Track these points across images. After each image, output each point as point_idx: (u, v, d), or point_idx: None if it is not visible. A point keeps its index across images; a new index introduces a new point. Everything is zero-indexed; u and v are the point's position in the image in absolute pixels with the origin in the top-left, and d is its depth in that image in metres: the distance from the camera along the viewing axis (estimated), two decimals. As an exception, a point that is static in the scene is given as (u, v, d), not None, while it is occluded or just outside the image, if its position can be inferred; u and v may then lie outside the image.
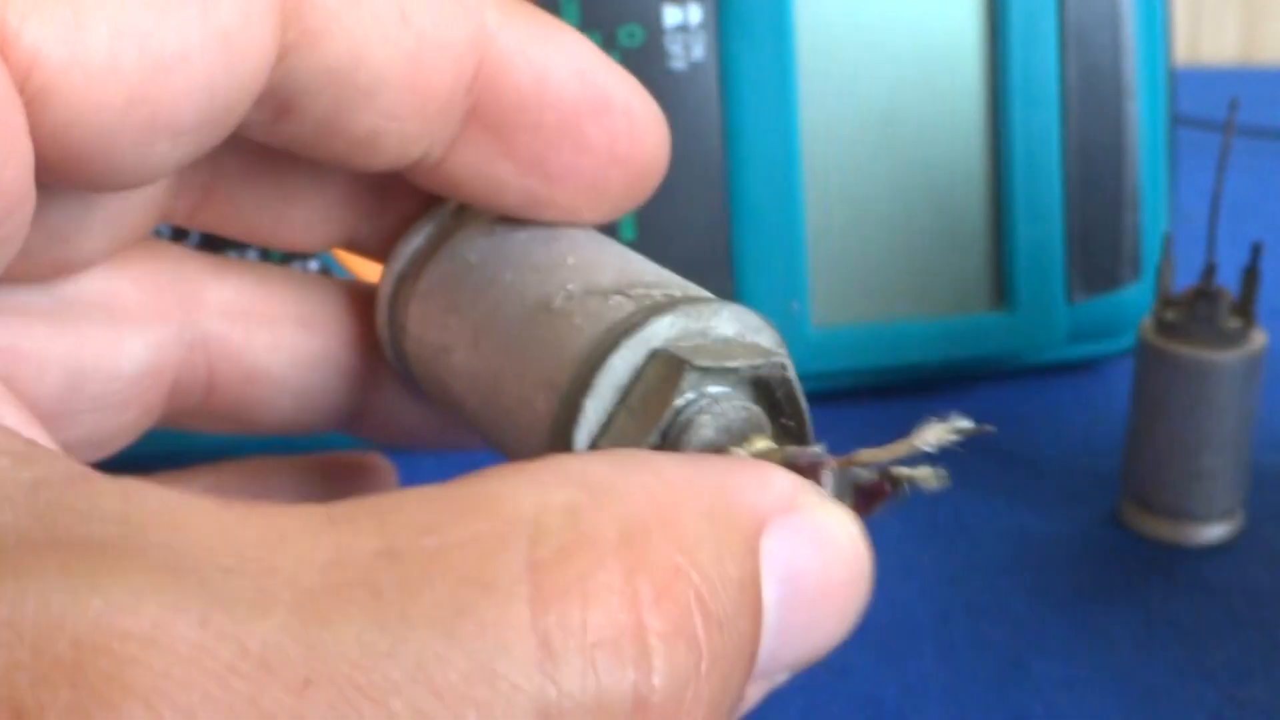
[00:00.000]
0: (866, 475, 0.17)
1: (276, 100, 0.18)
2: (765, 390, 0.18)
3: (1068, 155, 0.35)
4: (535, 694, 0.12)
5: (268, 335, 0.22)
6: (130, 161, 0.17)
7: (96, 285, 0.21)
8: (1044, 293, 0.35)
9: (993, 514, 0.32)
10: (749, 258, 0.34)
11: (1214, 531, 0.31)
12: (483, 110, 0.19)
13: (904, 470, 0.17)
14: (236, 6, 0.16)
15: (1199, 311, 0.30)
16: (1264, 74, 0.69)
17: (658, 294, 0.18)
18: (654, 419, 0.17)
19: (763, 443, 0.17)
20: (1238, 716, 0.26)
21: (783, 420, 0.18)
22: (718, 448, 0.17)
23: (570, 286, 0.19)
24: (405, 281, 0.21)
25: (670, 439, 0.17)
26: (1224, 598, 0.29)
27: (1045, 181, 0.35)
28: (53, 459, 0.12)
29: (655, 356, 0.17)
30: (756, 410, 0.18)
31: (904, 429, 0.19)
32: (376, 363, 0.22)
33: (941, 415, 0.17)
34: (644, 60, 0.33)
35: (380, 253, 0.23)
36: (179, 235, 0.32)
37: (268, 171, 0.21)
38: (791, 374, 0.18)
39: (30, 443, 0.12)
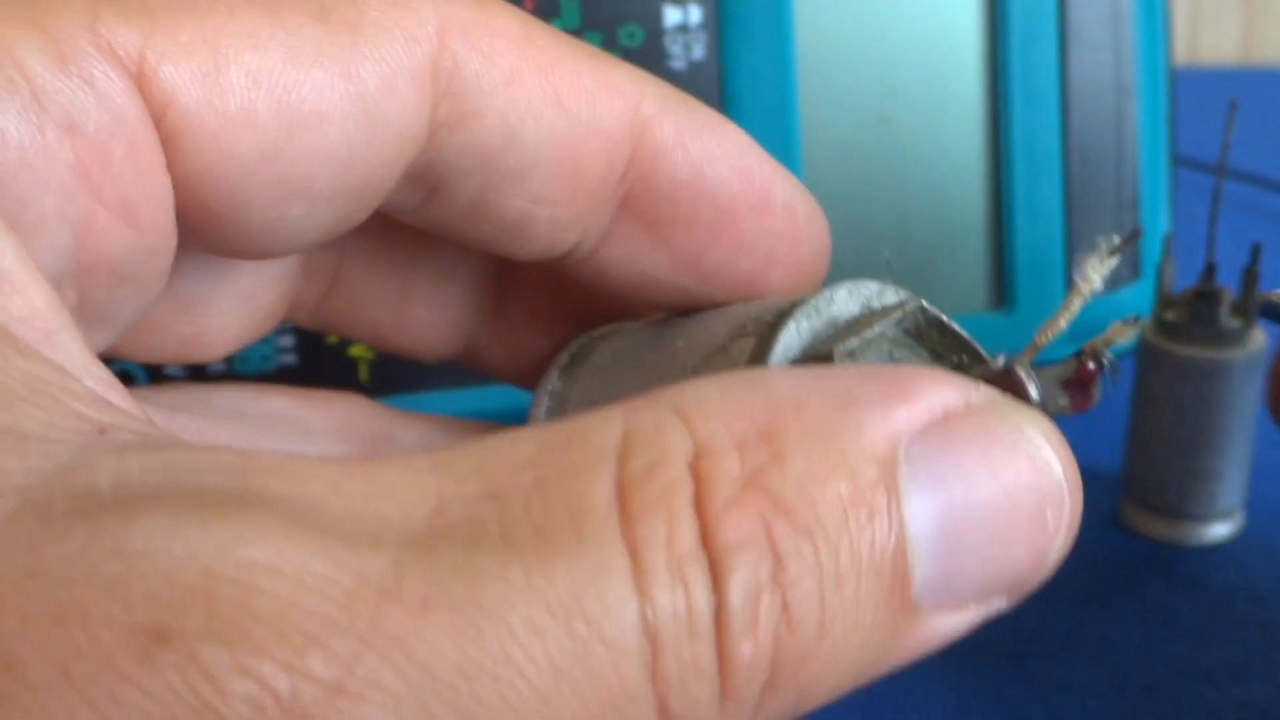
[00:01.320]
0: (1064, 369, 0.15)
1: (428, 180, 0.18)
2: (923, 338, 0.17)
3: (1068, 155, 0.35)
4: (633, 606, 0.12)
5: None
6: (262, 224, 0.16)
7: (281, 408, 0.21)
8: (1044, 293, 0.35)
9: (993, 514, 0.32)
10: (749, 258, 0.34)
11: (1214, 531, 0.31)
12: (637, 201, 0.19)
13: (1096, 341, 0.16)
14: (380, 74, 0.16)
15: (1199, 311, 0.30)
16: (1264, 74, 0.69)
17: (769, 315, 0.17)
18: (846, 335, 0.16)
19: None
20: (1237, 716, 0.26)
21: (955, 359, 0.17)
22: None
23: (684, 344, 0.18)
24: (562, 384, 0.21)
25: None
26: (1224, 598, 0.29)
27: (1045, 181, 0.35)
28: (173, 436, 0.12)
29: (879, 306, 0.17)
30: (927, 359, 0.17)
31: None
32: None
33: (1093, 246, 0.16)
34: (644, 60, 0.33)
35: (496, 362, 0.22)
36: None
37: (394, 266, 0.21)
38: (933, 309, 0.17)
39: (151, 422, 0.13)
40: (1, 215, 0.14)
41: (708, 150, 0.19)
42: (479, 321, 0.22)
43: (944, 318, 0.17)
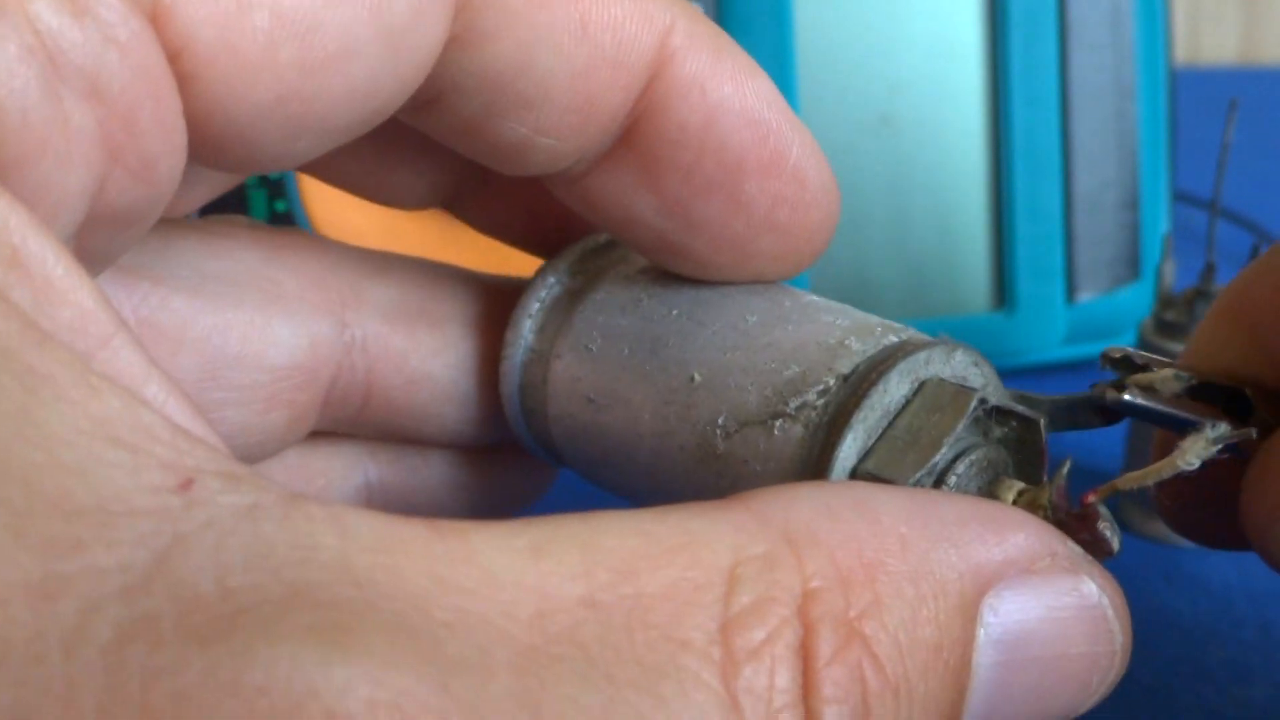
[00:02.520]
0: (1066, 517, 0.16)
1: (425, 94, 0.17)
2: (1020, 438, 0.17)
3: (1068, 155, 0.35)
4: None
5: (433, 338, 0.20)
6: (269, 155, 0.16)
7: (247, 266, 0.19)
8: (1044, 293, 0.35)
9: (993, 514, 0.32)
10: (749, 258, 0.34)
11: (1214, 531, 0.31)
12: (640, 137, 0.17)
13: (1097, 493, 0.16)
14: (410, 2, 0.15)
15: (1199, 311, 0.30)
16: (1264, 74, 0.69)
17: (811, 391, 0.17)
18: (927, 452, 0.16)
19: (1021, 490, 0.16)
20: (1237, 716, 0.26)
21: (1022, 468, 0.17)
22: (976, 490, 0.16)
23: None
24: (541, 340, 0.19)
25: (932, 478, 0.16)
26: (1224, 598, 0.29)
27: (1045, 181, 0.35)
28: (256, 479, 0.12)
29: (934, 385, 0.16)
30: (1005, 456, 0.17)
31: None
32: None
33: (1197, 427, 0.16)
34: (644, 60, 0.33)
35: (479, 220, 0.21)
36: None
37: (379, 140, 0.20)
38: (991, 399, 0.17)
39: (232, 460, 0.12)
40: (22, 200, 0.13)
41: (725, 98, 0.17)
42: (460, 185, 0.21)
43: (1005, 404, 0.17)
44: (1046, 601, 0.14)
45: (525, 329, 0.19)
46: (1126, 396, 0.17)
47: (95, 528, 0.11)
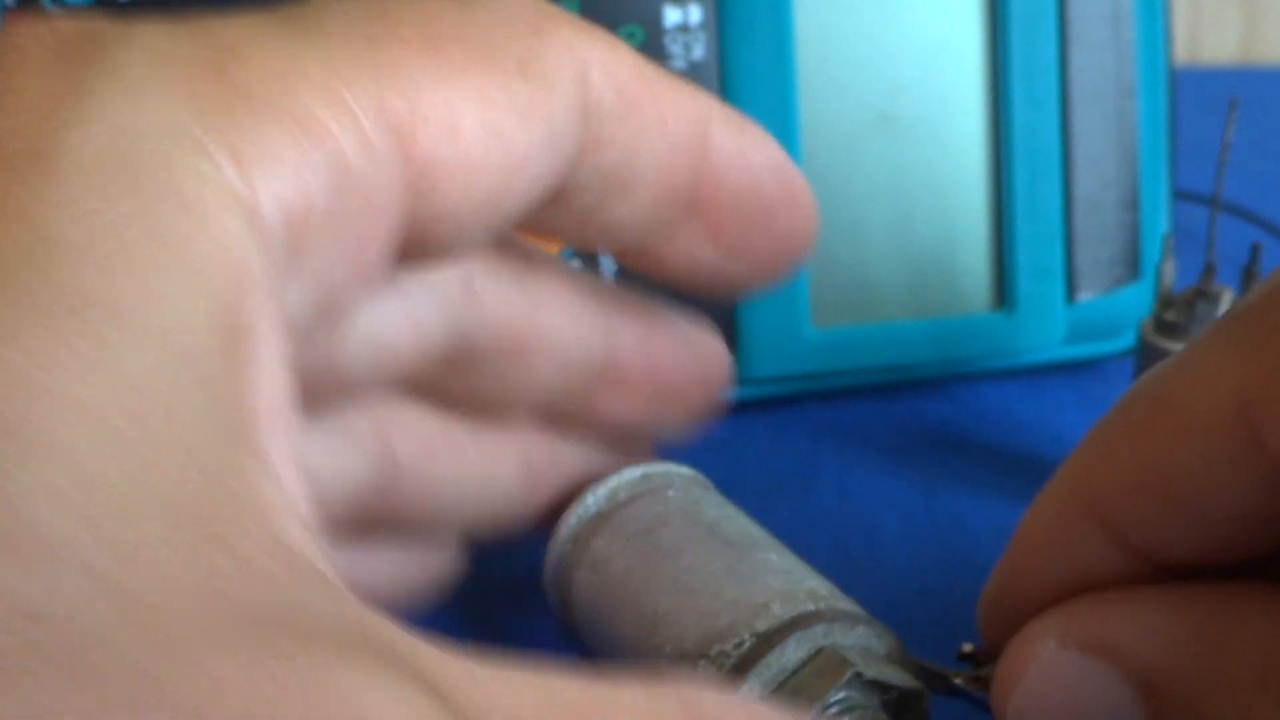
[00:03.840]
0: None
1: (553, 194, 0.20)
2: (907, 701, 0.21)
3: (1068, 155, 0.35)
4: None
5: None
6: (448, 245, 0.19)
7: None
8: (1044, 293, 0.35)
9: (993, 514, 0.32)
10: (749, 258, 0.34)
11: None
12: (702, 204, 0.22)
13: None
14: (565, 117, 0.19)
15: (1199, 311, 0.30)
16: (1264, 74, 0.69)
17: (732, 647, 0.21)
18: (802, 709, 0.20)
19: None
20: (1238, 716, 0.26)
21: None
22: None
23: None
24: (576, 548, 0.25)
25: None
26: (1224, 598, 0.29)
27: (1045, 181, 0.35)
28: (363, 612, 0.13)
29: (827, 653, 0.20)
30: (889, 717, 0.21)
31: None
32: None
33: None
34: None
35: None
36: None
37: None
38: (869, 672, 0.20)
39: (339, 588, 0.13)
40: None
41: (757, 160, 0.22)
42: None
43: (880, 676, 0.20)
44: None
45: (564, 535, 0.25)
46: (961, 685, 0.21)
47: None
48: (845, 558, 0.30)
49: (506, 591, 0.29)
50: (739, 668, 0.20)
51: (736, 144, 0.22)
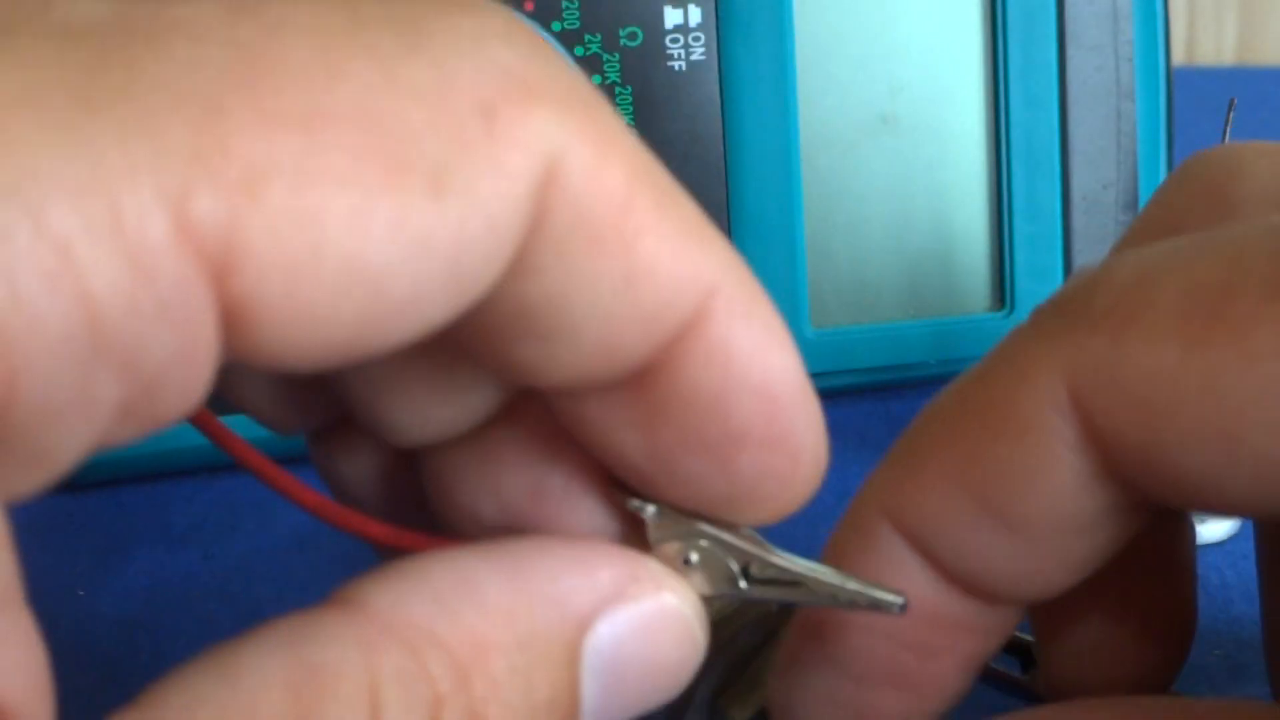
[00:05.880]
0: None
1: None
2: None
3: (1066, 155, 0.35)
4: None
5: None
6: (310, 367, 0.14)
7: None
8: (1044, 293, 0.35)
9: (992, 514, 0.32)
10: (749, 258, 0.34)
11: (1213, 531, 0.31)
12: (649, 384, 0.16)
13: None
14: (484, 251, 0.14)
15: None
16: (1261, 74, 0.69)
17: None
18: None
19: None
20: (1237, 716, 0.26)
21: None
22: None
23: None
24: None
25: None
26: (1223, 597, 0.29)
27: (1044, 181, 0.35)
28: None
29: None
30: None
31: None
32: None
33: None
34: (644, 60, 0.33)
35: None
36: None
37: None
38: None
39: None
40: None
41: (745, 371, 0.16)
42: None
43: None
44: (634, 623, 0.16)
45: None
46: None
47: None
48: (845, 557, 0.31)
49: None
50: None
51: (726, 341, 0.16)
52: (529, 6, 0.32)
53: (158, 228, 0.12)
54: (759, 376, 0.16)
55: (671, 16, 0.33)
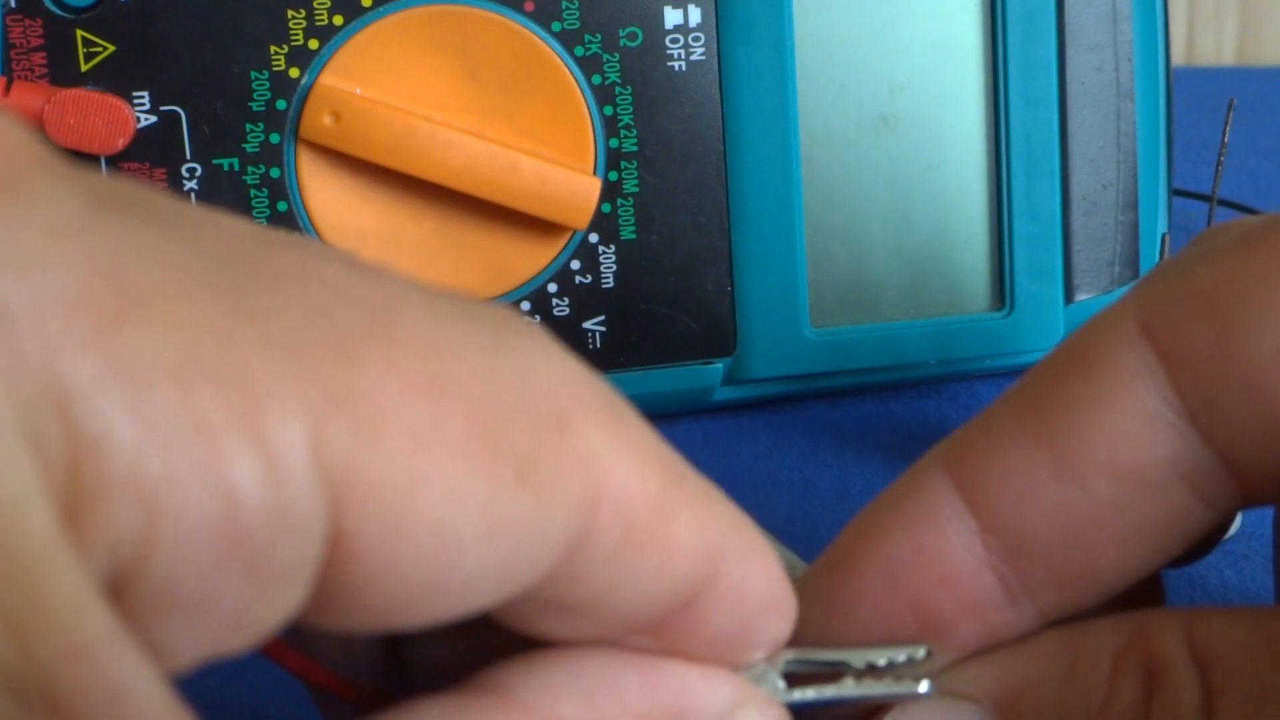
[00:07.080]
0: None
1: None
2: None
3: (1066, 155, 0.35)
4: None
5: None
6: (368, 627, 0.14)
7: None
8: (1043, 293, 0.35)
9: (992, 514, 0.32)
10: (748, 258, 0.34)
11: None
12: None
13: None
14: (545, 542, 0.14)
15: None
16: (1261, 74, 0.69)
17: None
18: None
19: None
20: (1237, 716, 0.26)
21: None
22: None
23: None
24: None
25: None
26: (1223, 597, 0.29)
27: (1044, 182, 0.35)
28: None
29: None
30: None
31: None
32: None
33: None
34: (644, 60, 0.33)
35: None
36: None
37: None
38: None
39: None
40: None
41: (756, 601, 0.17)
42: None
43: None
44: None
45: None
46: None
47: None
48: (845, 557, 0.31)
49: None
50: None
51: (739, 579, 0.16)
52: (529, 7, 0.32)
53: (298, 439, 0.12)
54: (767, 601, 0.17)
55: (671, 16, 0.33)
